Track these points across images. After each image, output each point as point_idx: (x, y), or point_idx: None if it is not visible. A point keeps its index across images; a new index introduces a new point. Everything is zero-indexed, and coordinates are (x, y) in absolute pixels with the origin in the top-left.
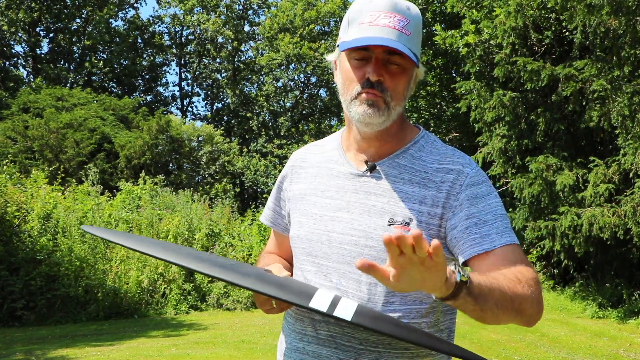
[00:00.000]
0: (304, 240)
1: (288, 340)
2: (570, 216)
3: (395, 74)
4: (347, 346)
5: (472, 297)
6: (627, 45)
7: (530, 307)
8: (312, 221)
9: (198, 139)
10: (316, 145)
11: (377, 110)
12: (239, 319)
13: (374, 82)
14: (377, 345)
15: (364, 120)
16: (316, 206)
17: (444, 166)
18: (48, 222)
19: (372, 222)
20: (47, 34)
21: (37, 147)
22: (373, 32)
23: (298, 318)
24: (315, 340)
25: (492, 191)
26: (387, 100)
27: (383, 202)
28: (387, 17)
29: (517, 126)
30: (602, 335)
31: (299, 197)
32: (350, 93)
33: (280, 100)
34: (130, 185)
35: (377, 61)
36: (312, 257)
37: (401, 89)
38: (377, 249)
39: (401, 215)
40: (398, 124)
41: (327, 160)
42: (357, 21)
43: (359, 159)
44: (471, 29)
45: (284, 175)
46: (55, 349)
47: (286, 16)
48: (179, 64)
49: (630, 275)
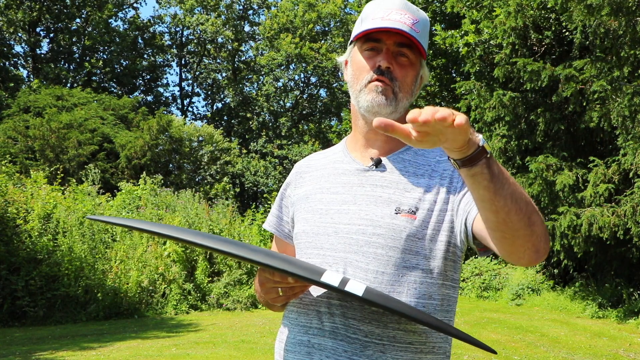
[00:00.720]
0: (309, 234)
1: (292, 334)
2: (569, 216)
3: (405, 66)
4: (352, 338)
5: (489, 171)
6: (626, 45)
7: (540, 225)
8: (317, 216)
9: (198, 139)
10: (320, 153)
11: (385, 98)
12: (239, 319)
13: (384, 69)
14: (382, 339)
15: (373, 108)
16: (322, 202)
17: (444, 158)
18: (48, 222)
19: (379, 211)
20: (47, 34)
21: (37, 146)
22: (385, 24)
23: (302, 312)
24: (321, 332)
25: None
26: (396, 90)
27: (389, 192)
28: (399, 14)
29: (517, 126)
30: (602, 335)
31: (303, 198)
32: (360, 82)
33: (280, 100)
34: (131, 185)
35: (388, 51)
36: (317, 250)
37: (409, 81)
38: (385, 236)
39: (407, 205)
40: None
41: (332, 161)
42: (370, 17)
43: (365, 156)
44: (471, 29)
45: (288, 183)
46: (55, 349)
47: (286, 16)
48: (179, 64)
49: (630, 275)
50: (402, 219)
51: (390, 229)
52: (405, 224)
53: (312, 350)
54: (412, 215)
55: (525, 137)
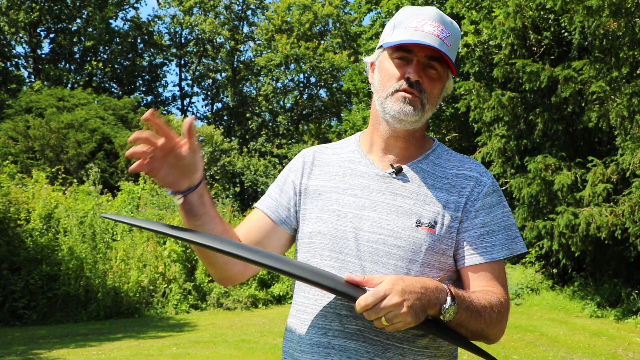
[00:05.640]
0: (326, 236)
1: (307, 335)
2: (567, 215)
3: (433, 79)
4: (374, 340)
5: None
6: (625, 46)
7: (500, 325)
8: (334, 217)
9: (198, 139)
10: (327, 147)
11: (413, 109)
12: (239, 319)
13: (414, 82)
14: (402, 342)
15: (399, 117)
16: (338, 203)
17: (462, 172)
18: (49, 222)
19: (400, 222)
20: (48, 35)
21: (38, 147)
22: (418, 37)
23: (319, 314)
24: (343, 334)
25: (503, 200)
26: (424, 102)
27: (410, 204)
28: (432, 26)
29: (516, 126)
30: (601, 334)
31: (315, 194)
32: (388, 90)
33: (280, 101)
34: (131, 184)
35: (418, 63)
36: (335, 254)
37: (436, 94)
38: (405, 249)
39: (427, 218)
40: (422, 130)
41: (347, 160)
42: (404, 25)
43: (384, 161)
44: (470, 30)
45: (293, 169)
46: (56, 349)
47: (282, 18)
48: (179, 64)
49: (629, 274)
50: (423, 233)
51: (411, 242)
52: (426, 238)
53: (331, 352)
54: (432, 229)
55: (524, 137)
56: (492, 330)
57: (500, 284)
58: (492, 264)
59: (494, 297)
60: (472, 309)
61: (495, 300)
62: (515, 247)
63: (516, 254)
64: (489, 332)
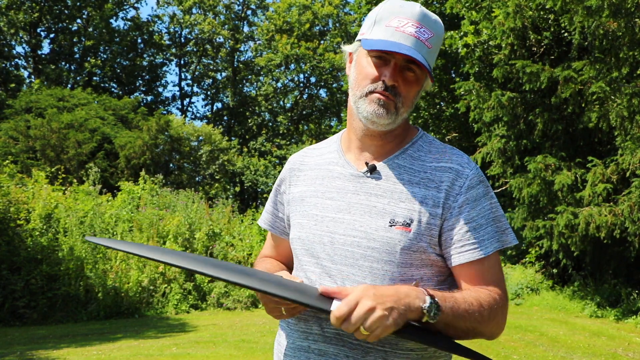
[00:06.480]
0: (305, 242)
1: (290, 340)
2: (566, 215)
3: (410, 82)
4: (354, 344)
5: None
6: (625, 46)
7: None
8: (312, 222)
9: (198, 139)
10: (314, 148)
11: (386, 112)
12: (239, 319)
13: (389, 86)
14: (384, 345)
15: (372, 118)
16: (317, 207)
17: (442, 164)
18: (49, 222)
19: (374, 223)
20: (48, 35)
21: (39, 146)
22: (398, 38)
23: (302, 318)
24: (322, 338)
25: (489, 191)
26: (398, 105)
27: (384, 202)
28: (414, 26)
29: (516, 126)
30: (601, 334)
31: (299, 200)
32: (362, 90)
33: (280, 101)
34: (131, 185)
35: (395, 66)
36: (314, 259)
37: (412, 96)
38: (380, 250)
39: (402, 216)
40: (401, 127)
41: (326, 162)
42: (384, 22)
43: (359, 160)
44: (470, 30)
45: (282, 179)
46: (56, 349)
47: (282, 18)
48: (179, 64)
49: (628, 274)
50: (397, 232)
51: (385, 243)
52: (400, 237)
53: (311, 356)
54: (407, 228)
55: (524, 137)
56: (486, 327)
57: (493, 279)
58: (482, 260)
59: (483, 294)
60: (456, 307)
61: (485, 296)
62: (506, 239)
63: (507, 246)
64: (482, 329)
